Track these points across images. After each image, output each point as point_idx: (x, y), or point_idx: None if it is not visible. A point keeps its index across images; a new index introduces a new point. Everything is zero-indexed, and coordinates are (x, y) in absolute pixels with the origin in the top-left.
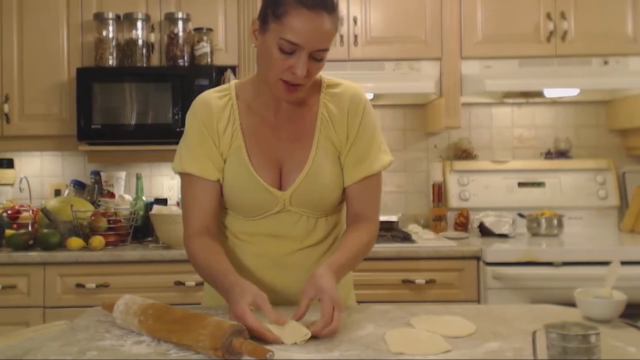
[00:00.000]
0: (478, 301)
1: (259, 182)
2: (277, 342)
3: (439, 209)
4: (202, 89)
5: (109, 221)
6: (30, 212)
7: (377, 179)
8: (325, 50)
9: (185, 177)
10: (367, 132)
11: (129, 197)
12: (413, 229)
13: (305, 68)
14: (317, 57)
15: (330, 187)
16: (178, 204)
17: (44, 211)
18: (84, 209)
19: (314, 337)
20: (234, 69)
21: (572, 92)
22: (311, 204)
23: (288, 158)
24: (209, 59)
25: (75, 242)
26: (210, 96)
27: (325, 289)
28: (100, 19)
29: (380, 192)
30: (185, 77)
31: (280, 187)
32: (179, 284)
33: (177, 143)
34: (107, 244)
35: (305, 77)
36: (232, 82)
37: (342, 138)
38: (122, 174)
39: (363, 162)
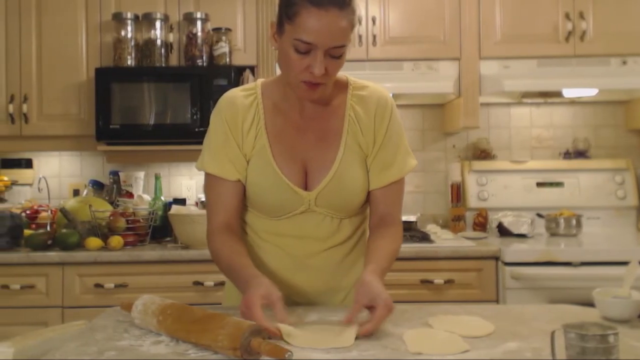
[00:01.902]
0: (497, 301)
1: (284, 181)
2: (277, 336)
3: (457, 209)
4: (221, 89)
5: (127, 221)
6: (49, 212)
7: (401, 181)
8: (342, 46)
9: (207, 175)
10: (394, 136)
11: (147, 197)
12: (432, 229)
13: (323, 66)
14: (334, 55)
15: (356, 189)
16: (197, 204)
17: (63, 211)
18: (103, 209)
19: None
20: (252, 69)
21: (590, 92)
22: (336, 205)
23: (313, 158)
24: (228, 59)
25: (93, 242)
26: (236, 95)
27: (380, 295)
28: (118, 19)
29: (403, 194)
30: (203, 77)
31: (305, 188)
32: (198, 284)
33: (195, 143)
34: (126, 244)
35: (325, 76)
36: (258, 81)
37: (369, 141)
38: (141, 174)
39: (390, 168)
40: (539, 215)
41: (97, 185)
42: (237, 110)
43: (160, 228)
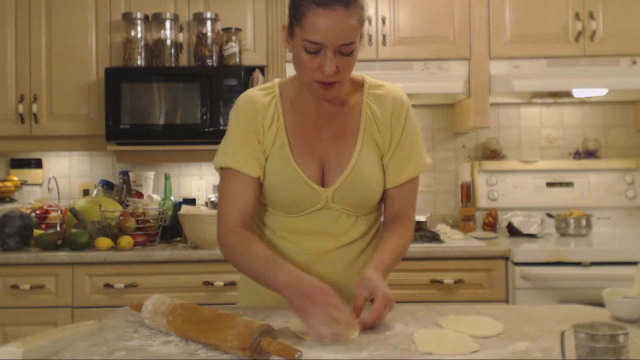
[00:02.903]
0: (506, 301)
1: (303, 178)
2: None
3: (467, 209)
4: (231, 89)
5: (137, 221)
6: (59, 212)
7: (416, 179)
8: (351, 44)
9: (225, 172)
10: (410, 135)
11: (157, 197)
12: (441, 229)
13: (334, 65)
14: (344, 52)
15: (373, 186)
16: (207, 204)
17: (73, 211)
18: (113, 209)
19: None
20: (262, 69)
21: (600, 92)
22: (353, 202)
23: (330, 156)
24: (238, 59)
25: (103, 242)
26: (255, 94)
27: (379, 288)
28: (128, 19)
29: (417, 191)
30: (213, 77)
31: (322, 185)
32: (208, 284)
33: (205, 143)
34: (136, 244)
35: (337, 74)
36: (275, 81)
37: (386, 140)
38: (151, 174)
39: (407, 166)
40: (549, 215)
41: (107, 185)
42: (257, 109)
43: (170, 228)
